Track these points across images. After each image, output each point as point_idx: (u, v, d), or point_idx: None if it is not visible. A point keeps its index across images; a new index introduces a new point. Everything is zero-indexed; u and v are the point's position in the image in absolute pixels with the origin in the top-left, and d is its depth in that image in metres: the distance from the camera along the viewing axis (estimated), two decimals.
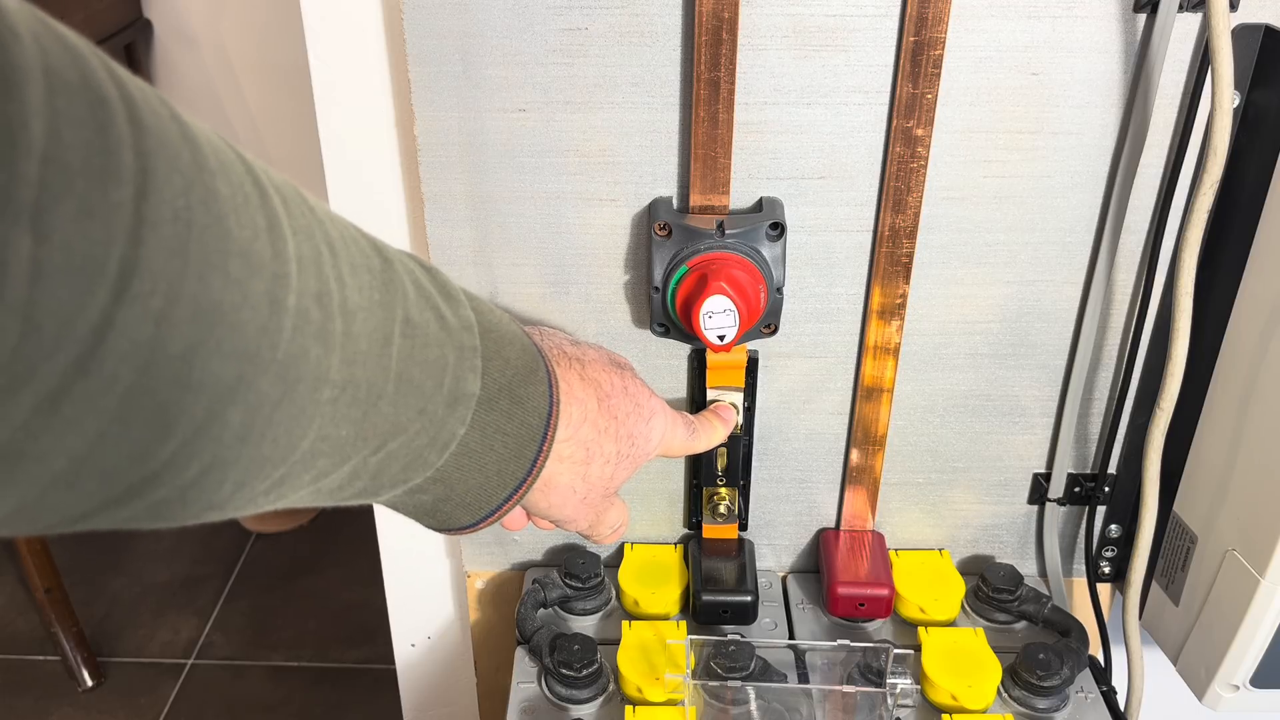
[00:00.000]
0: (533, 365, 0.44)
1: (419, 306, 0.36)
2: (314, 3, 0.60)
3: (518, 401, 0.42)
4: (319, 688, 1.52)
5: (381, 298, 0.34)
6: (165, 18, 1.61)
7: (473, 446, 0.41)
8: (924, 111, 0.58)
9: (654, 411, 0.55)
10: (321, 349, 0.30)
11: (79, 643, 1.50)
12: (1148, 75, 0.58)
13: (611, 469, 0.52)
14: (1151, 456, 0.66)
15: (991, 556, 0.75)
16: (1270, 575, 0.60)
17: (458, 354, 0.38)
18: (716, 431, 0.63)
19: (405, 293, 0.35)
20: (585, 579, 0.70)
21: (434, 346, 0.37)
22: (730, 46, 0.56)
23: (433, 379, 0.37)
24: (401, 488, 0.39)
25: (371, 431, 0.34)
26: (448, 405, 0.38)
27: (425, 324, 0.36)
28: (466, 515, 0.44)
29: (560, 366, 0.49)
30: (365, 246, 0.34)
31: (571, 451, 0.49)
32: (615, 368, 0.53)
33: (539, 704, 0.64)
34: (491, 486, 0.43)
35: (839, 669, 0.65)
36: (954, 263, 0.64)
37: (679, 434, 0.58)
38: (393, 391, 0.34)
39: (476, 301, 0.42)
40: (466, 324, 0.39)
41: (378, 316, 0.33)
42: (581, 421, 0.49)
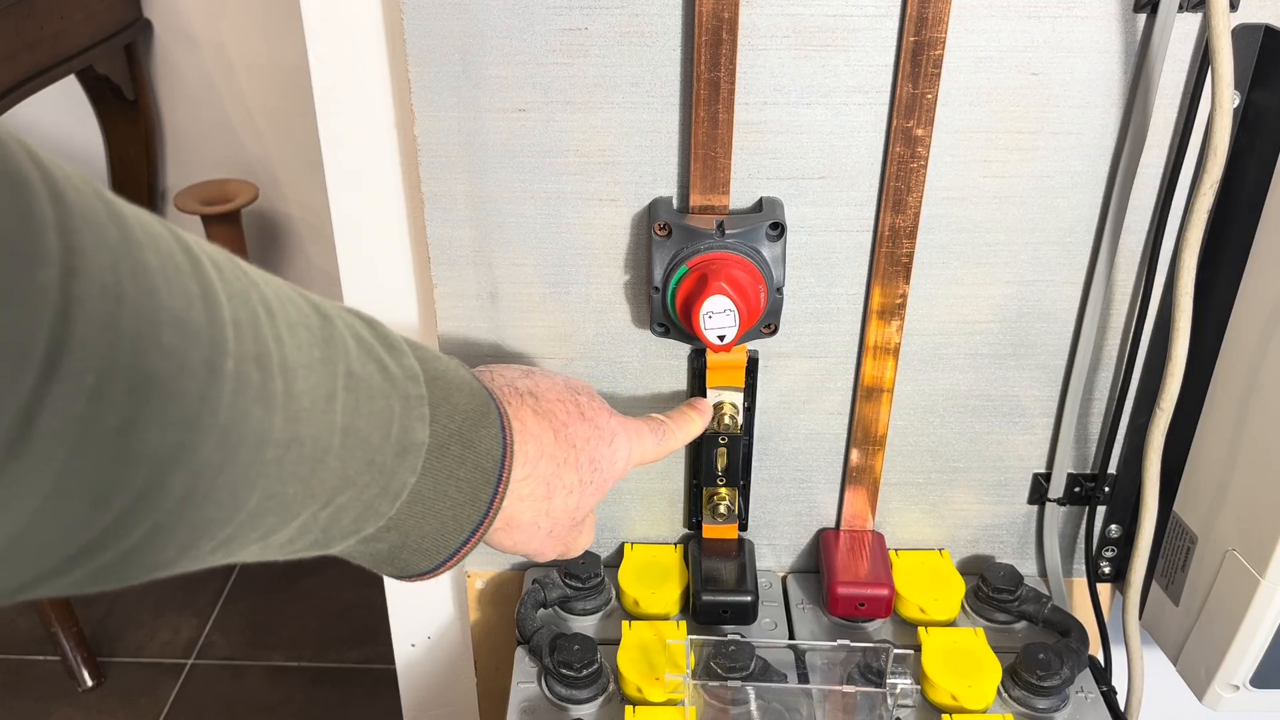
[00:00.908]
0: (483, 408, 0.44)
1: (361, 360, 0.36)
2: (314, 3, 0.60)
3: (469, 446, 0.42)
4: (319, 688, 1.52)
5: (322, 354, 0.34)
6: (165, 18, 1.61)
7: (425, 494, 0.41)
8: (924, 111, 0.58)
9: (614, 432, 0.54)
10: (263, 410, 0.30)
11: (79, 643, 1.50)
12: (1148, 75, 0.58)
13: (576, 499, 0.51)
14: (1151, 456, 0.66)
15: (991, 556, 0.75)
16: (1270, 575, 0.60)
17: (404, 404, 0.38)
18: (692, 424, 0.62)
19: (346, 347, 0.35)
20: (585, 579, 0.70)
21: (379, 398, 0.37)
22: (730, 46, 0.56)
23: (380, 430, 0.37)
24: (354, 538, 0.39)
25: (320, 487, 0.34)
26: (397, 455, 0.38)
27: (368, 376, 0.36)
28: (424, 561, 0.44)
29: (512, 405, 0.49)
30: (302, 305, 0.34)
31: (532, 489, 0.48)
32: (571, 394, 0.53)
33: (539, 704, 0.64)
34: (448, 531, 0.43)
35: (839, 669, 0.65)
36: (954, 263, 0.64)
37: (647, 444, 0.57)
38: (339, 446, 0.34)
39: (421, 350, 0.42)
40: (411, 373, 0.39)
41: (319, 373, 0.33)
42: (539, 458, 0.49)
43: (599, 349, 0.67)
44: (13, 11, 1.28)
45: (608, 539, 0.74)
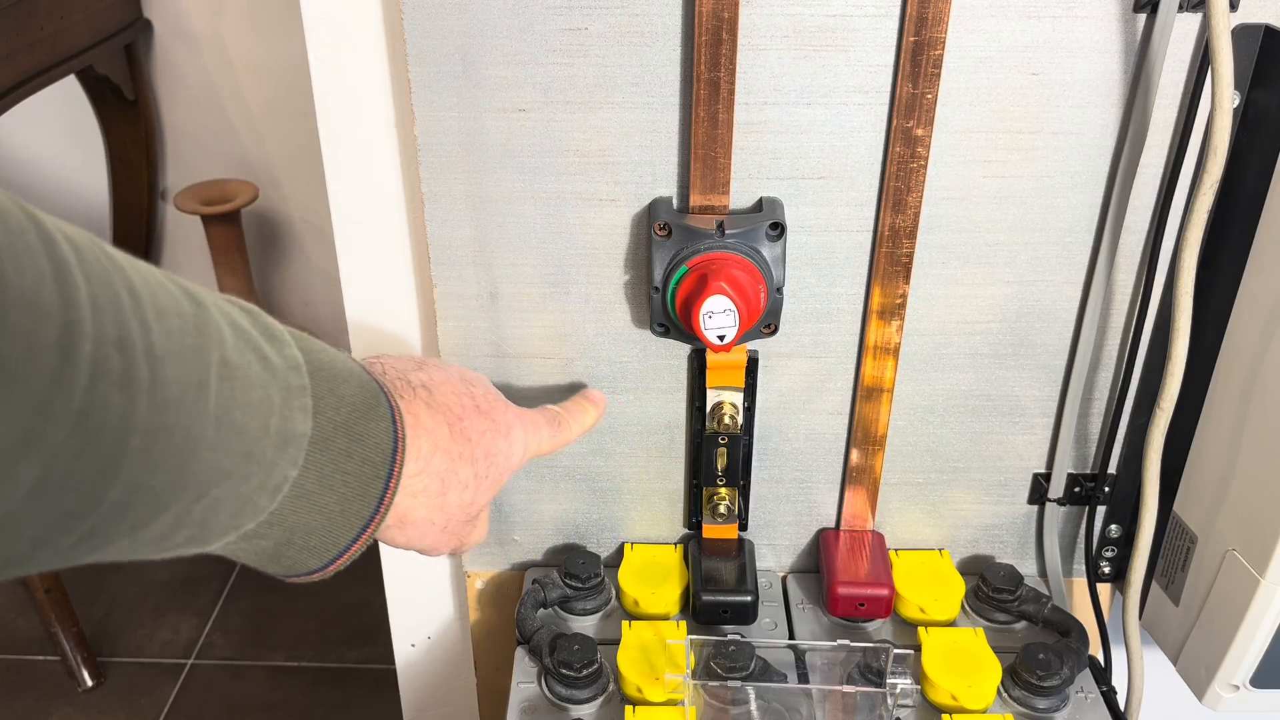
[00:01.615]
0: (371, 401, 0.42)
1: (238, 348, 0.35)
2: (314, 3, 0.60)
3: (357, 439, 0.41)
4: (319, 688, 1.52)
5: (194, 341, 0.32)
6: (165, 18, 1.61)
7: (309, 488, 0.39)
8: (924, 111, 0.58)
9: (510, 425, 0.53)
10: (125, 397, 0.29)
11: (79, 643, 1.50)
12: (1148, 75, 0.58)
13: (471, 494, 0.50)
14: (1151, 456, 0.66)
15: (991, 556, 0.75)
16: (1270, 575, 0.60)
17: (284, 394, 0.37)
18: (587, 415, 0.61)
19: (221, 335, 0.34)
20: (585, 579, 0.70)
21: (257, 388, 0.35)
22: (730, 46, 0.56)
23: (258, 421, 0.35)
24: (234, 534, 0.38)
25: (192, 479, 0.33)
26: (277, 447, 0.37)
27: (246, 365, 0.35)
28: (312, 559, 0.42)
29: (405, 399, 0.47)
30: (174, 290, 0.33)
31: (425, 484, 0.47)
32: (466, 386, 0.52)
33: (539, 704, 0.64)
34: (336, 528, 0.42)
35: (839, 669, 0.65)
36: (954, 263, 0.64)
37: (543, 436, 0.57)
38: (213, 436, 0.33)
39: (306, 341, 0.40)
40: (293, 363, 0.38)
41: (191, 361, 0.32)
42: (432, 452, 0.47)
43: (599, 349, 0.67)
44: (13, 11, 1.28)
45: (608, 539, 0.74)
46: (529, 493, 0.72)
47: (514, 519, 0.73)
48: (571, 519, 0.73)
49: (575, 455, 0.70)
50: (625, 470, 0.71)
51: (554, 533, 0.74)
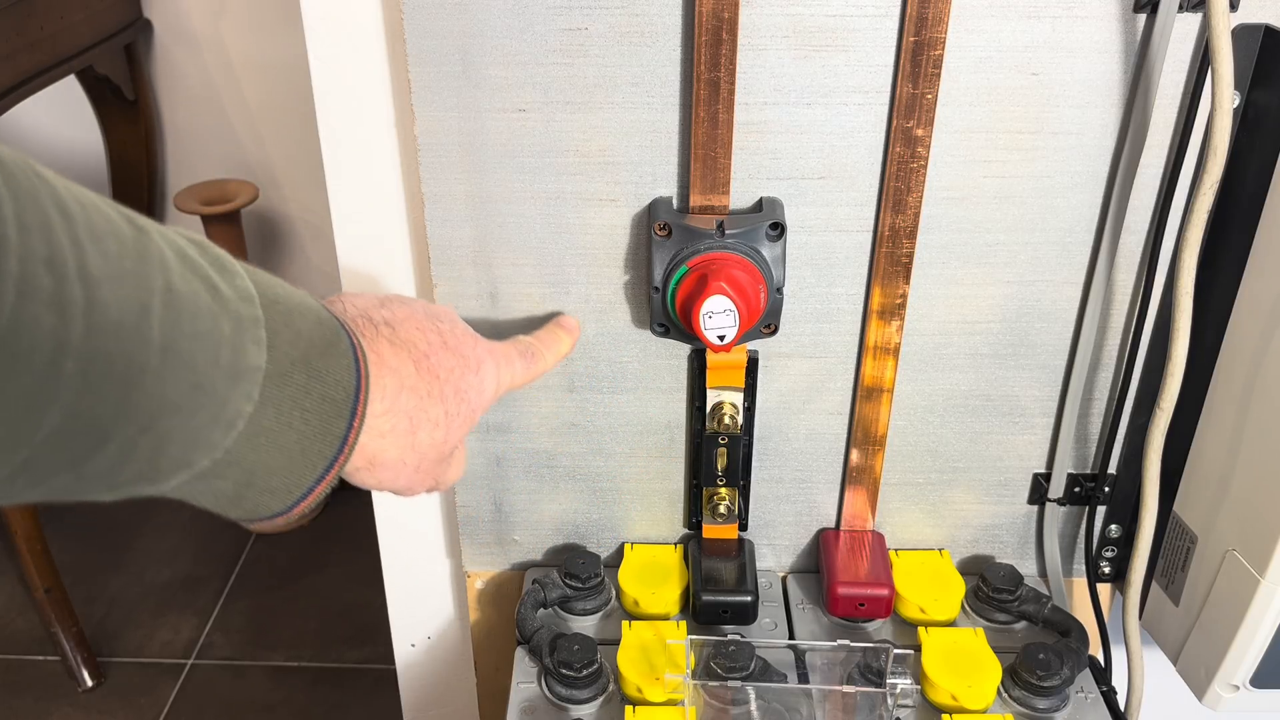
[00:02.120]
0: (332, 338, 0.41)
1: (184, 277, 0.34)
2: (314, 3, 0.60)
3: (316, 375, 0.40)
4: (319, 688, 1.52)
5: (135, 267, 0.31)
6: (165, 18, 1.61)
7: (266, 425, 0.38)
8: (924, 111, 0.58)
9: (481, 359, 0.51)
10: (57, 318, 0.28)
11: (79, 643, 1.50)
12: (1148, 75, 0.58)
13: (443, 432, 0.48)
14: (1151, 456, 0.66)
15: (991, 556, 0.75)
16: (1270, 575, 0.60)
17: (235, 325, 0.36)
18: (561, 344, 0.60)
19: (165, 262, 0.33)
20: (585, 579, 0.70)
21: (205, 318, 0.34)
22: (730, 46, 0.56)
23: (206, 352, 0.34)
24: (187, 472, 0.37)
25: (136, 409, 0.32)
26: (229, 380, 0.36)
27: (193, 294, 0.34)
28: (275, 501, 0.41)
29: (367, 336, 0.46)
30: (112, 215, 0.32)
31: (393, 424, 0.46)
32: (432, 322, 0.50)
33: (539, 704, 0.64)
34: (297, 468, 0.40)
35: (839, 669, 0.65)
36: (954, 263, 0.64)
37: (516, 369, 0.55)
38: (158, 365, 0.32)
39: (259, 275, 0.39)
40: (245, 295, 0.37)
41: (130, 285, 0.31)
42: (398, 391, 0.46)
43: (599, 349, 0.67)
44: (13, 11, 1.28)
45: (608, 539, 0.74)
46: (529, 493, 0.72)
47: (514, 519, 0.73)
48: (571, 519, 0.73)
49: (575, 455, 0.70)
50: (625, 470, 0.71)
51: (554, 533, 0.74)
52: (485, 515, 0.73)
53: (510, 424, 0.69)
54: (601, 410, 0.69)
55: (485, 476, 0.71)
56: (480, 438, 0.70)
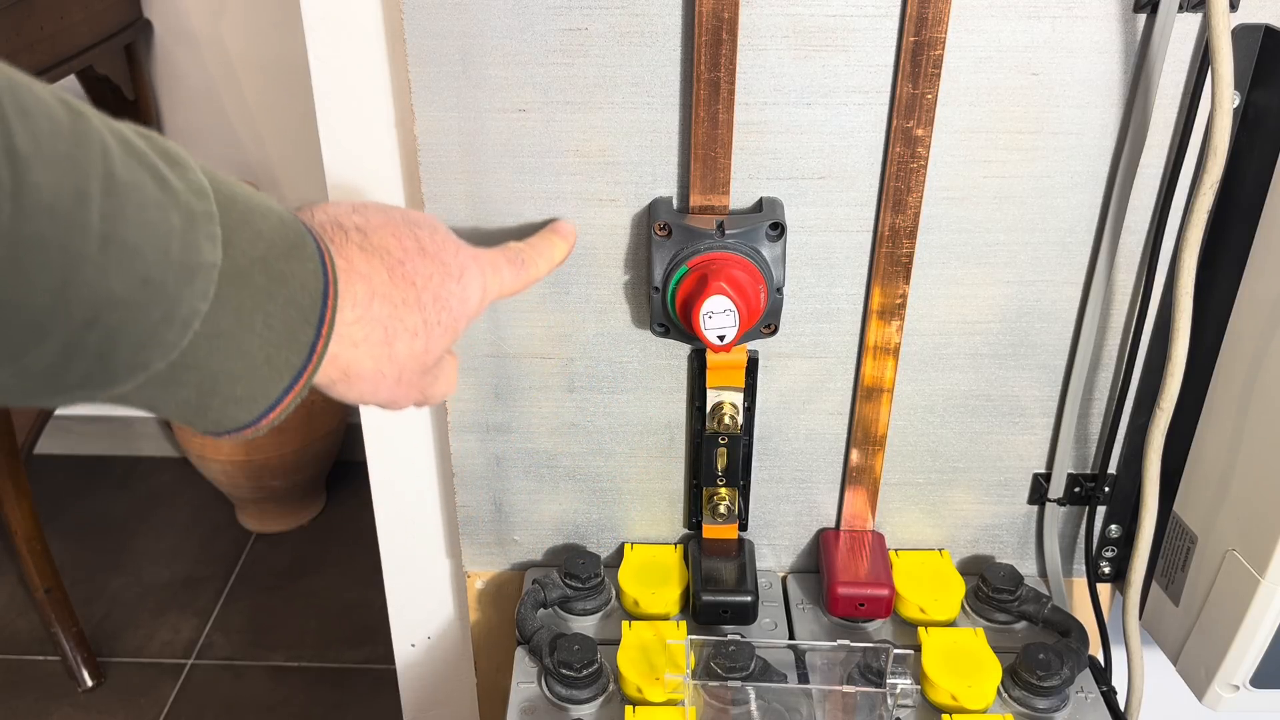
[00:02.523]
0: (295, 240, 0.39)
1: (127, 164, 0.32)
2: (314, 3, 0.60)
3: (278, 279, 0.38)
4: (319, 688, 1.52)
5: (69, 150, 0.30)
6: (165, 18, 1.61)
7: (226, 328, 0.36)
8: (924, 111, 0.58)
9: (464, 266, 0.49)
10: None
11: (79, 643, 1.50)
12: (1148, 75, 0.58)
13: (423, 342, 0.47)
14: (1151, 456, 0.66)
15: (991, 556, 0.75)
16: (1270, 575, 0.60)
17: (186, 219, 0.34)
18: (555, 250, 0.57)
19: (106, 148, 0.32)
20: (585, 579, 0.70)
21: (152, 208, 0.33)
22: (730, 46, 0.56)
23: (155, 245, 0.33)
24: (142, 374, 0.35)
25: (77, 300, 0.31)
26: (181, 276, 0.34)
27: (139, 184, 0.32)
28: (241, 412, 0.39)
29: (336, 242, 0.44)
30: (45, 96, 0.30)
31: (366, 333, 0.44)
32: (409, 228, 0.48)
33: (539, 704, 0.64)
34: (263, 377, 0.39)
35: (839, 669, 0.65)
36: (954, 263, 0.64)
37: (504, 276, 0.53)
38: (98, 254, 0.31)
39: (215, 173, 0.37)
40: (197, 189, 0.35)
41: (65, 168, 0.30)
42: (370, 298, 0.44)
43: (599, 349, 0.67)
44: (13, 11, 1.28)
45: (608, 539, 0.74)
46: (529, 493, 0.72)
47: (514, 519, 0.73)
48: (571, 519, 0.73)
49: (575, 455, 0.70)
50: (625, 470, 0.71)
51: (554, 533, 0.74)
52: (485, 515, 0.73)
53: (510, 424, 0.69)
54: (601, 410, 0.69)
55: (485, 476, 0.71)
56: (480, 438, 0.70)
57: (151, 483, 1.92)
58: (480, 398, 0.68)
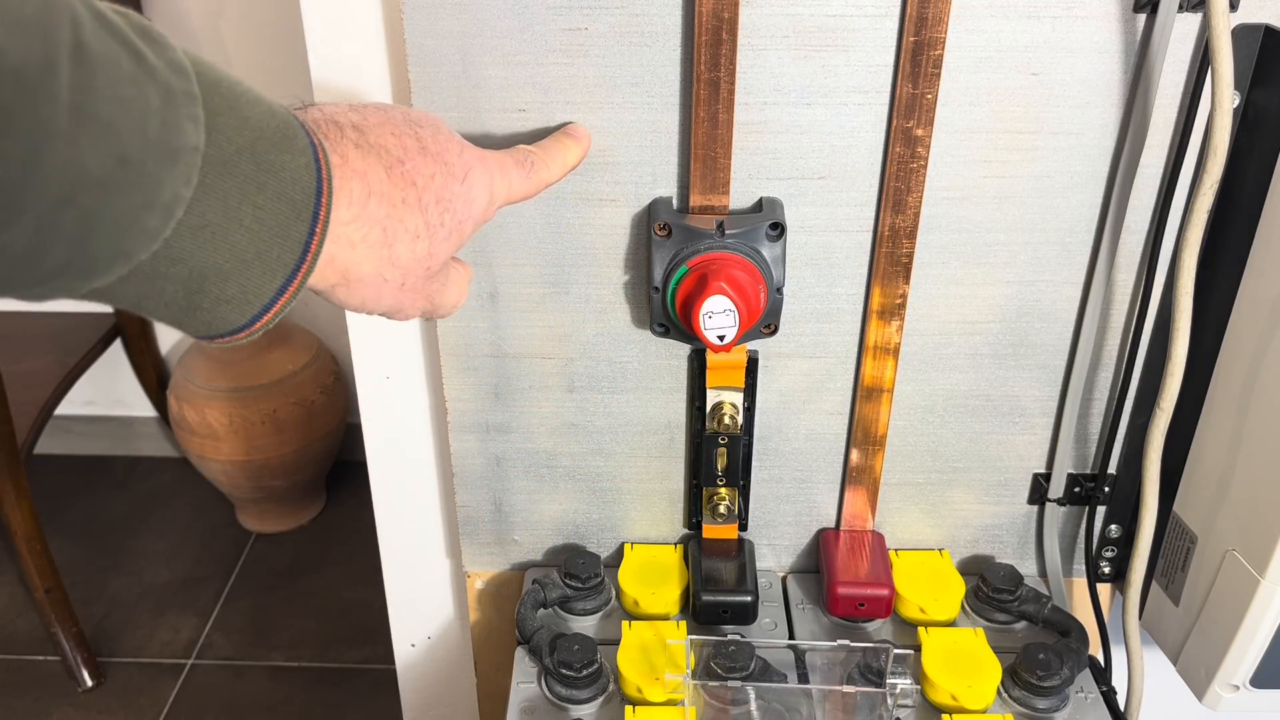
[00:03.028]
0: (286, 131, 0.38)
1: (99, 36, 0.31)
2: (314, 3, 0.60)
3: (268, 169, 0.36)
4: (319, 688, 1.52)
5: (36, 15, 0.29)
6: (165, 18, 1.61)
7: (211, 218, 0.35)
8: (924, 111, 0.58)
9: (469, 167, 0.47)
10: None
11: (79, 643, 1.50)
12: (1148, 75, 0.58)
13: (426, 245, 0.45)
14: (1151, 456, 0.66)
15: (991, 556, 0.75)
16: (1270, 575, 0.60)
17: (165, 97, 0.32)
18: (568, 153, 0.55)
19: (75, 17, 0.30)
20: (585, 579, 0.70)
21: (128, 84, 0.31)
22: (730, 46, 0.56)
23: (131, 122, 0.31)
24: (125, 264, 0.34)
25: (50, 176, 0.29)
26: (161, 158, 0.32)
27: (111, 57, 0.31)
28: (233, 313, 0.38)
29: (330, 139, 0.42)
30: None
31: (364, 234, 0.42)
32: (409, 126, 0.46)
33: (539, 704, 0.64)
34: (254, 275, 0.37)
35: (839, 669, 0.65)
36: (954, 263, 0.64)
37: (513, 179, 0.51)
38: (69, 127, 0.29)
39: (198, 56, 0.36)
40: (177, 67, 0.33)
41: (30, 34, 0.28)
42: (366, 197, 0.42)
43: (599, 349, 0.67)
44: None
45: (608, 539, 0.74)
46: (529, 493, 0.72)
47: (514, 519, 0.73)
48: (571, 519, 0.73)
49: (575, 455, 0.70)
50: (625, 470, 0.71)
51: (554, 533, 0.74)
52: (485, 515, 0.73)
53: (510, 424, 0.69)
54: (601, 410, 0.69)
55: (485, 476, 0.71)
56: (480, 438, 0.70)
57: (151, 483, 1.92)
58: (480, 398, 0.68)
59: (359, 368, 0.71)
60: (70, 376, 1.59)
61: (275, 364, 1.63)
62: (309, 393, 1.65)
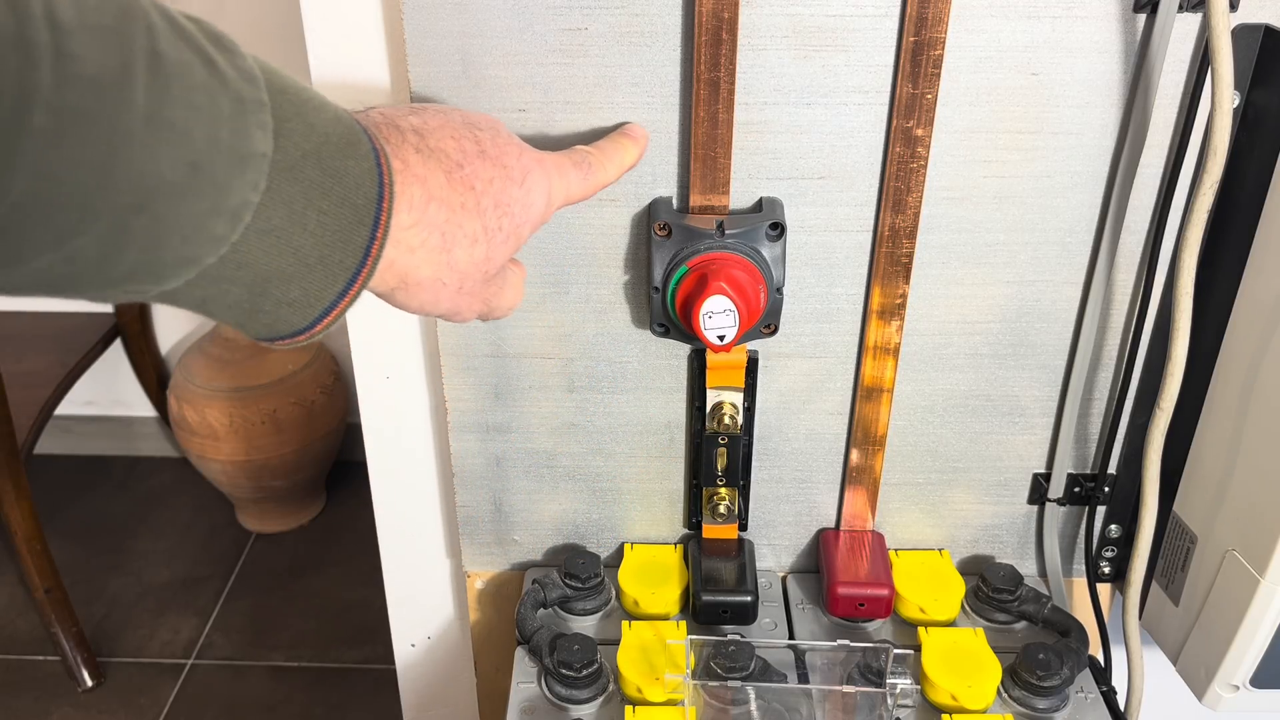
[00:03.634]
0: (350, 137, 0.38)
1: (174, 44, 0.31)
2: (314, 3, 0.60)
3: (332, 175, 0.37)
4: (319, 688, 1.52)
5: (114, 23, 0.29)
6: None
7: (277, 223, 0.35)
8: (924, 111, 0.58)
9: (527, 170, 0.48)
10: (22, 60, 0.26)
11: (79, 643, 1.50)
12: (1148, 75, 0.58)
13: (484, 249, 0.45)
14: (1151, 456, 0.66)
15: (991, 556, 0.75)
16: (1270, 575, 0.60)
17: (236, 105, 0.33)
18: (625, 153, 0.55)
19: (151, 25, 0.31)
20: (585, 579, 0.70)
21: (200, 91, 0.32)
22: (730, 46, 0.56)
23: (204, 128, 0.32)
24: (192, 269, 0.34)
25: (125, 182, 0.30)
26: (231, 164, 0.33)
27: (185, 65, 0.31)
28: (295, 316, 0.38)
29: (391, 143, 0.42)
30: None
31: (424, 239, 0.42)
32: (469, 130, 0.46)
33: (539, 704, 0.64)
34: (317, 278, 0.38)
35: (839, 669, 0.65)
36: (954, 263, 0.64)
37: (571, 181, 0.51)
38: (144, 134, 0.30)
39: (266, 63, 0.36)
40: (247, 75, 0.34)
41: (109, 41, 0.29)
42: (426, 202, 0.42)
43: (599, 349, 0.67)
44: None
45: (608, 539, 0.74)
46: (529, 493, 0.72)
47: (514, 519, 0.73)
48: (571, 519, 0.73)
49: (575, 455, 0.70)
50: (625, 470, 0.71)
51: (554, 533, 0.74)
52: (485, 515, 0.73)
53: (510, 424, 0.69)
54: (601, 410, 0.69)
55: (485, 476, 0.71)
56: (480, 438, 0.70)
57: (151, 483, 1.92)
58: (480, 398, 0.68)
59: (359, 368, 0.71)
60: (70, 376, 1.59)
61: (275, 364, 1.63)
62: (309, 393, 1.65)
